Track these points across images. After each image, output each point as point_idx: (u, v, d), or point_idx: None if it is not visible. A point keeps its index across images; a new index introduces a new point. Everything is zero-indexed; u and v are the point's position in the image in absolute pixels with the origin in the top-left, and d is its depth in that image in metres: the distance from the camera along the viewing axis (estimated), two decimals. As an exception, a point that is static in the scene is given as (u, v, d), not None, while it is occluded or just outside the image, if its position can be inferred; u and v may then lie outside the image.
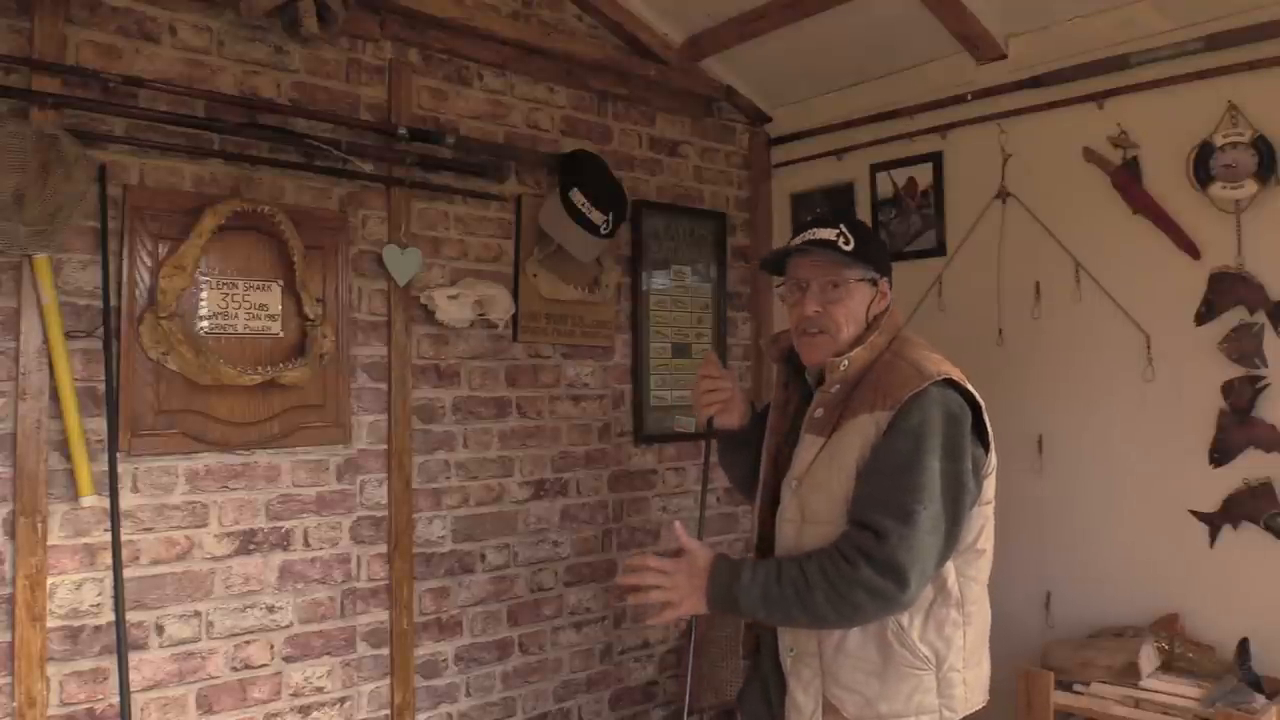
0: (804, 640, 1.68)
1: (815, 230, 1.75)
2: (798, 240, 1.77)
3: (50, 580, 2.15)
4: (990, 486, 1.70)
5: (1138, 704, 2.31)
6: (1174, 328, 2.60)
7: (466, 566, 2.85)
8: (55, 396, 2.15)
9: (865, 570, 1.53)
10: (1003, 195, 2.97)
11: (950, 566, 1.64)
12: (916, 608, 1.62)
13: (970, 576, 1.67)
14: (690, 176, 3.52)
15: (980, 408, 1.67)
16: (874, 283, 1.77)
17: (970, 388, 1.66)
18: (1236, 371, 2.49)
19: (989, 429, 1.69)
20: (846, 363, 1.69)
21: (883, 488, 1.58)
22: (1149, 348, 2.66)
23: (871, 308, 1.76)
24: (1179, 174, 2.57)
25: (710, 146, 3.59)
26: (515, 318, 2.96)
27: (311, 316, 2.48)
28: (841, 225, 1.74)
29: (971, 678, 1.68)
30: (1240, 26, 2.45)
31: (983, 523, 1.69)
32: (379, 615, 2.66)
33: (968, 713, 1.68)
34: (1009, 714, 2.43)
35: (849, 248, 1.71)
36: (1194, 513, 2.56)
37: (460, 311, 2.77)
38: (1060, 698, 2.41)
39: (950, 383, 1.64)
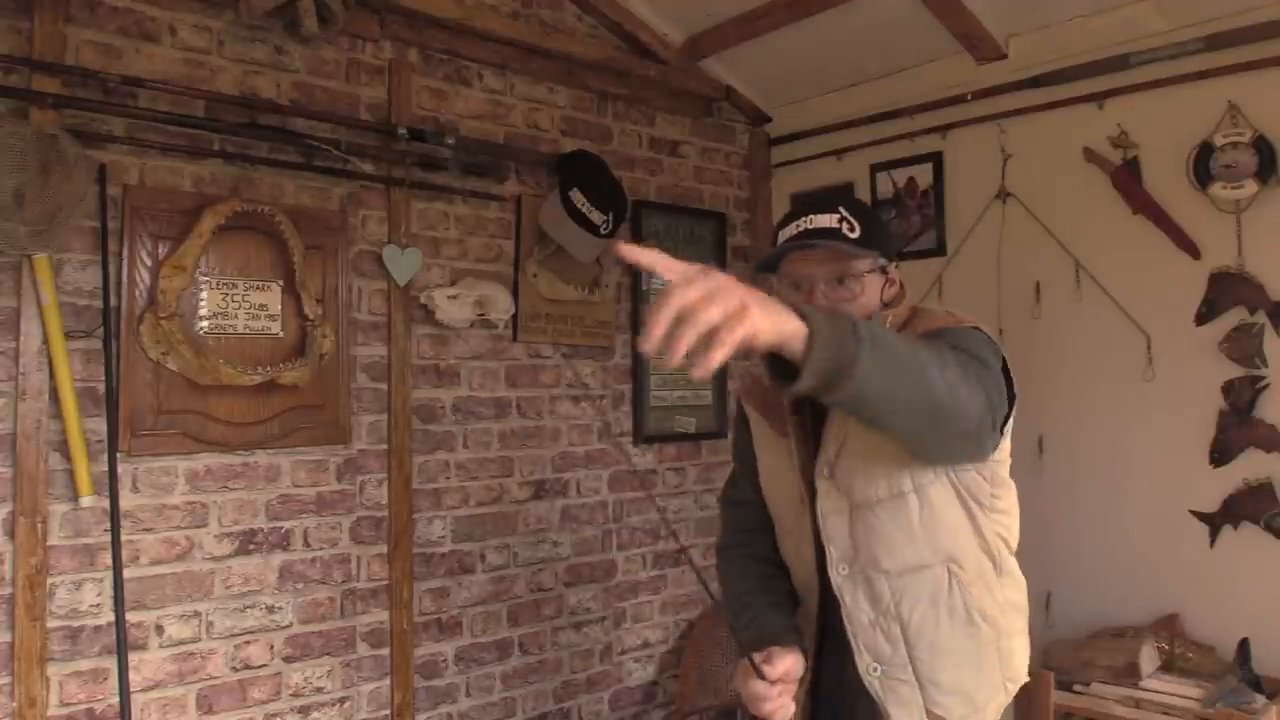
0: (890, 651, 1.45)
1: (812, 217, 1.47)
2: (793, 231, 1.48)
3: (50, 580, 2.15)
4: (1007, 446, 1.50)
5: (1138, 704, 2.31)
6: (1174, 328, 2.60)
7: (466, 566, 2.85)
8: (55, 396, 2.15)
9: (990, 378, 1.29)
10: (1003, 195, 2.97)
11: (995, 534, 1.50)
12: (977, 576, 1.46)
13: (1009, 540, 1.54)
14: (690, 176, 3.52)
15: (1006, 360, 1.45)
16: (884, 270, 1.51)
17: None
18: (1236, 371, 2.49)
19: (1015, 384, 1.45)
20: (890, 319, 1.46)
21: (964, 347, 1.32)
22: (1149, 348, 2.66)
23: (884, 297, 1.52)
24: (1179, 174, 2.57)
25: (710, 146, 3.59)
26: (515, 318, 2.96)
27: (311, 316, 2.48)
28: (841, 209, 1.48)
29: (1021, 645, 1.55)
30: (1240, 26, 2.45)
31: (1005, 476, 1.52)
32: (379, 615, 2.66)
33: (1021, 684, 1.56)
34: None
35: (855, 235, 1.45)
36: (1194, 513, 2.56)
37: (460, 311, 2.77)
38: (1060, 698, 2.41)
39: (979, 329, 1.45)
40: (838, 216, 1.46)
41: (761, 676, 1.36)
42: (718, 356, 0.94)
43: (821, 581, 1.53)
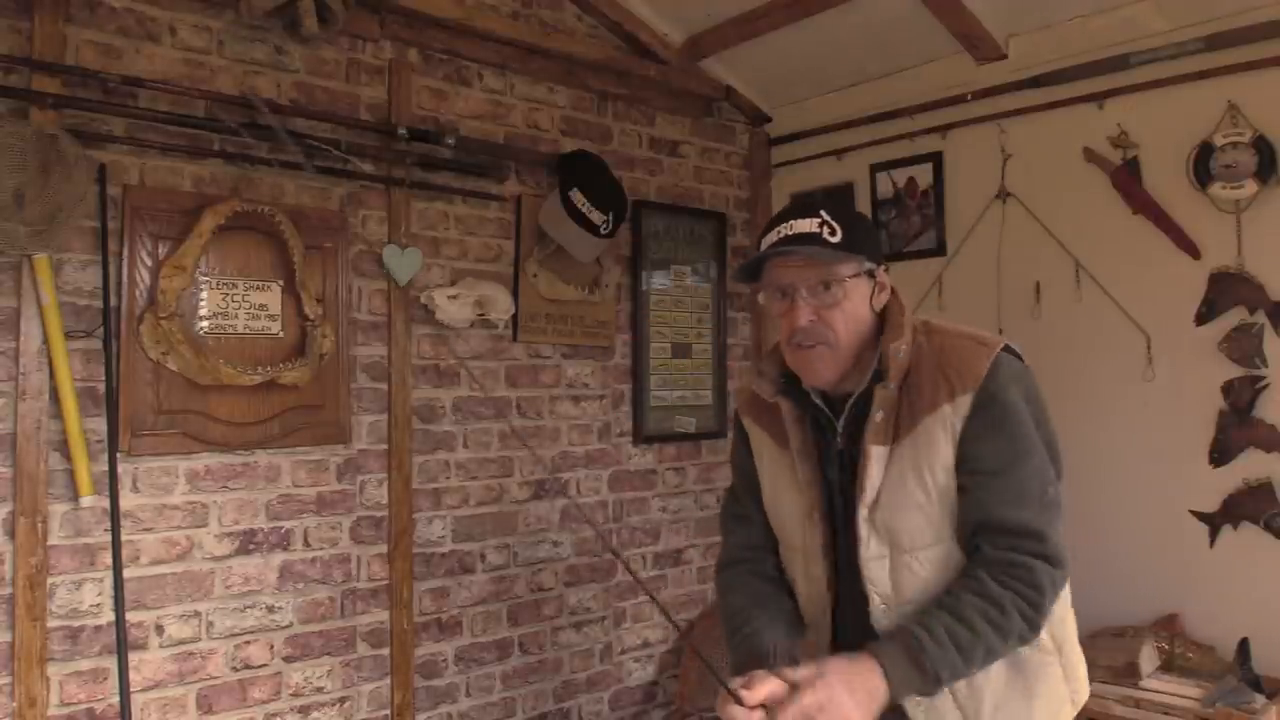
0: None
1: (792, 223, 1.44)
2: (772, 238, 1.45)
3: (50, 580, 2.15)
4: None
5: (1137, 704, 2.31)
6: (1174, 328, 2.60)
7: (466, 566, 2.85)
8: (55, 396, 2.15)
9: (1043, 571, 1.35)
10: (1003, 195, 2.97)
11: None
12: None
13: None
14: (690, 176, 3.52)
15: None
16: (871, 274, 1.48)
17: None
18: (1236, 371, 2.49)
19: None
20: (904, 349, 1.44)
21: (1016, 479, 1.39)
22: (1149, 348, 2.66)
23: (873, 302, 1.49)
24: (1179, 174, 2.57)
25: (710, 146, 3.59)
26: (515, 318, 2.96)
27: (311, 316, 2.48)
28: (822, 212, 1.44)
29: (1078, 658, 1.54)
30: (1240, 26, 2.46)
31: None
32: (379, 615, 2.66)
33: (1087, 697, 1.54)
34: None
35: (836, 239, 1.41)
36: (1194, 513, 2.56)
37: (460, 311, 2.77)
38: (1060, 698, 2.41)
39: (1007, 346, 1.47)
40: (819, 221, 1.43)
41: (739, 702, 1.27)
42: None
43: (833, 600, 1.50)
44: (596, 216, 2.89)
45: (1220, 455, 2.52)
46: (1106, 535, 2.72)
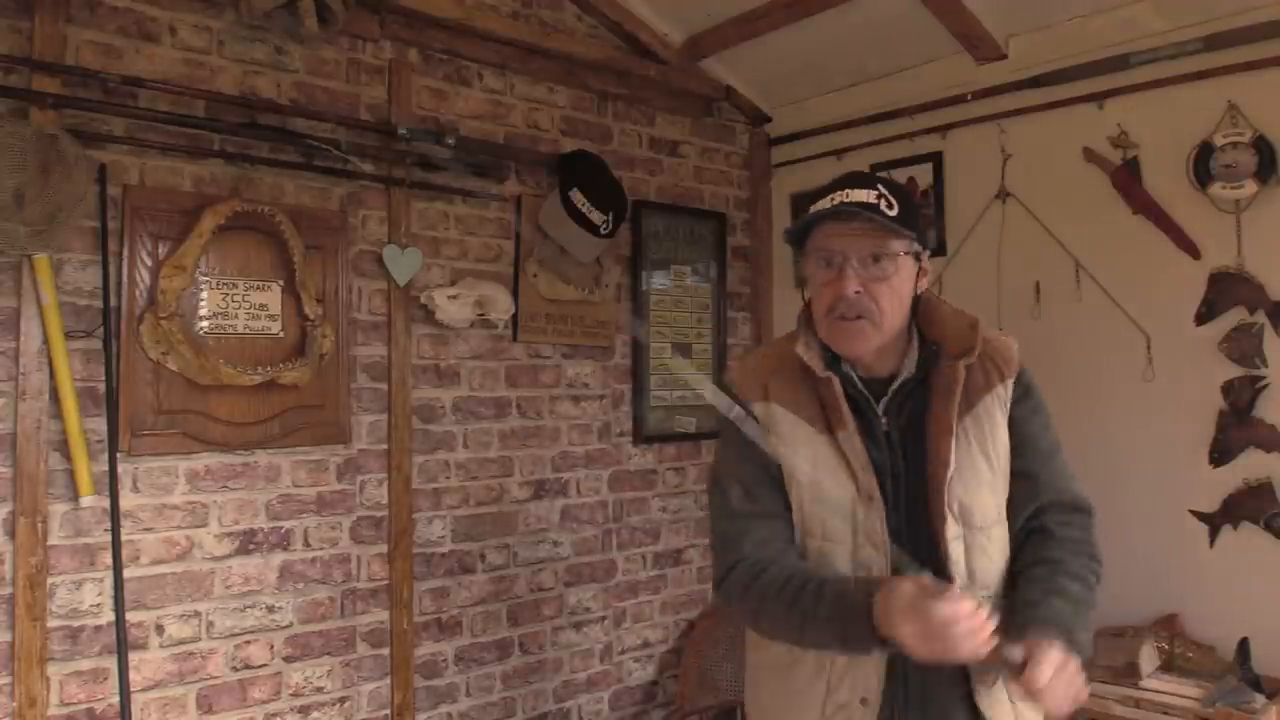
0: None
1: (849, 191, 1.41)
2: (826, 204, 1.41)
3: (50, 580, 2.15)
4: None
5: (1138, 704, 2.31)
6: (1174, 328, 2.60)
7: (466, 566, 2.85)
8: (55, 396, 2.15)
9: (1098, 543, 1.50)
10: (1003, 195, 2.97)
11: None
12: None
13: None
14: (690, 176, 3.52)
15: None
16: (918, 256, 1.46)
17: None
18: (1236, 371, 2.49)
19: None
20: (972, 360, 1.45)
21: (1063, 459, 1.53)
22: (1149, 348, 2.66)
23: (916, 285, 1.47)
24: (1179, 174, 2.57)
25: (710, 146, 3.59)
26: (515, 318, 2.95)
27: (311, 316, 2.48)
28: (880, 186, 1.42)
29: None
30: (1240, 26, 2.45)
31: None
32: (379, 615, 2.66)
33: None
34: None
35: (893, 212, 1.38)
36: (1194, 513, 2.56)
37: (460, 311, 2.77)
38: (1060, 698, 2.41)
39: None
40: (876, 193, 1.40)
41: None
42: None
43: None
44: (596, 216, 2.89)
45: (1220, 455, 2.52)
46: (1106, 535, 2.68)
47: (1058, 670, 1.21)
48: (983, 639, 1.18)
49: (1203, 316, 2.55)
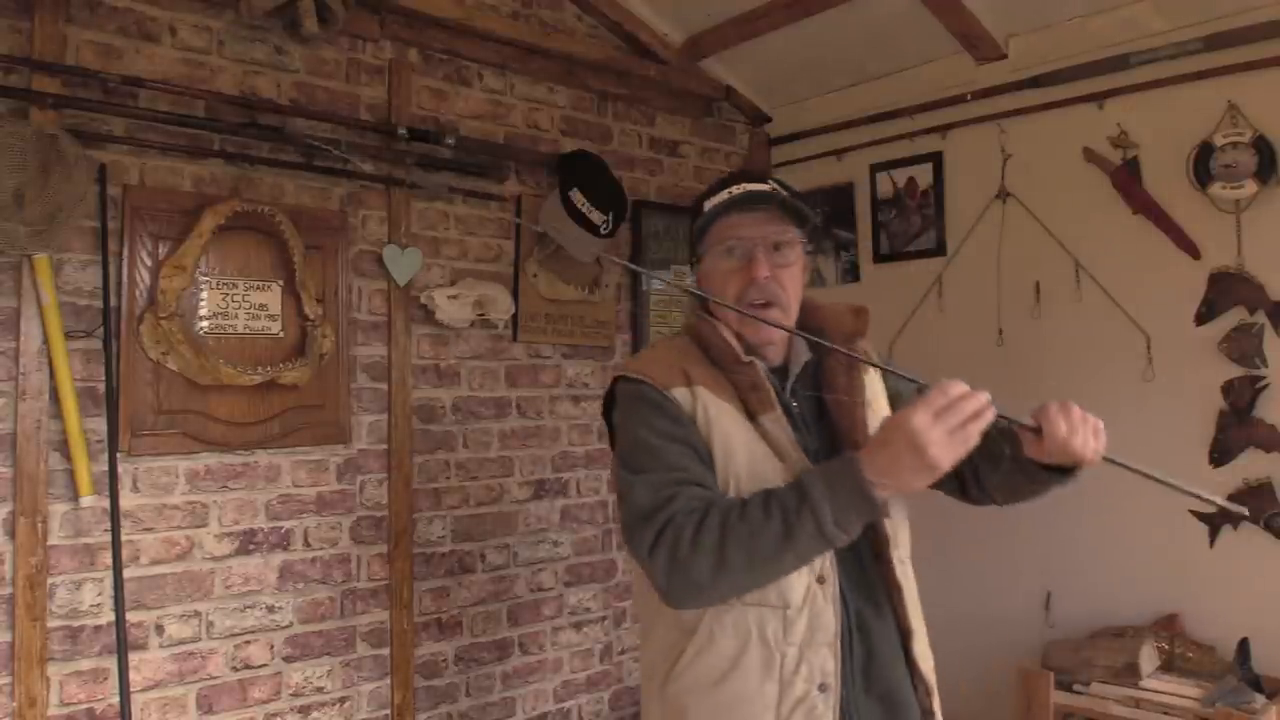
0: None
1: (744, 185, 1.47)
2: (723, 197, 1.46)
3: (50, 580, 2.15)
4: None
5: (1138, 704, 2.31)
6: (1174, 328, 2.60)
7: (466, 566, 2.85)
8: (55, 396, 2.15)
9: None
10: (1003, 195, 2.97)
11: None
12: None
13: None
14: (690, 176, 3.51)
15: None
16: (808, 251, 1.51)
17: None
18: (1236, 371, 2.49)
19: None
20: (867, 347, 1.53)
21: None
22: (1149, 348, 2.66)
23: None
24: (1179, 174, 2.57)
25: (710, 146, 3.59)
26: (515, 318, 2.96)
27: (311, 316, 2.48)
28: (771, 181, 1.48)
29: None
30: (1240, 26, 2.46)
31: None
32: (379, 615, 2.66)
33: None
34: (1009, 714, 2.43)
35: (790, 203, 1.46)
36: (1194, 513, 2.56)
37: (460, 311, 2.77)
38: (1060, 698, 2.41)
39: None
40: (770, 187, 1.47)
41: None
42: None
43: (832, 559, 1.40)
44: (596, 216, 2.89)
45: (1220, 455, 2.52)
46: (1106, 535, 2.72)
47: (1071, 416, 1.34)
48: (987, 404, 1.22)
49: (1203, 316, 2.55)
